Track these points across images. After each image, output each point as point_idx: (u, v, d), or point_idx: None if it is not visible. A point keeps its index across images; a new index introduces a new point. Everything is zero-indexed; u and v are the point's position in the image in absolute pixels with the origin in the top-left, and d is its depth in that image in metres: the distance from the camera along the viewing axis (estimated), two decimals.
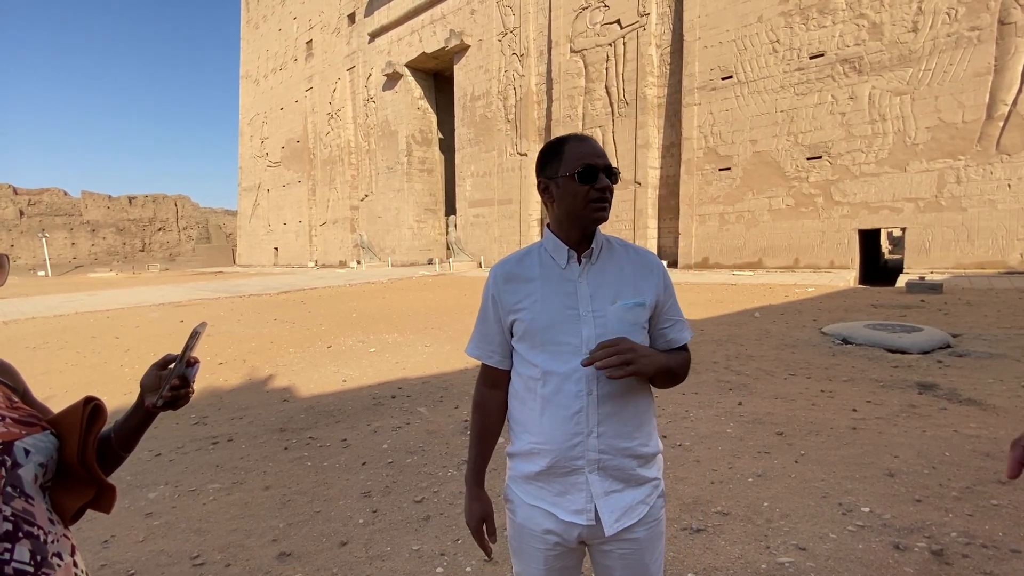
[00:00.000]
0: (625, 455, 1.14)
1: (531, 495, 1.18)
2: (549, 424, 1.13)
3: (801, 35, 14.93)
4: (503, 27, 23.12)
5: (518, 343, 1.18)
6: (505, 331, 1.20)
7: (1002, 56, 12.14)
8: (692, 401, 4.52)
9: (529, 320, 1.14)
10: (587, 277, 1.15)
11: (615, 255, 1.20)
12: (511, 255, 1.23)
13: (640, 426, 1.17)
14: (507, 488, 1.25)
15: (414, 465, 3.46)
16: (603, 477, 1.13)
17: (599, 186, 1.11)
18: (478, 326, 1.24)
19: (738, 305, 10.04)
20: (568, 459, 1.13)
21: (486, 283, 1.22)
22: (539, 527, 1.17)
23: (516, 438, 1.23)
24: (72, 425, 0.84)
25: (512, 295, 1.17)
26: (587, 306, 1.13)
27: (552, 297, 1.14)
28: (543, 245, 1.20)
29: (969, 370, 5.11)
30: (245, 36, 43.46)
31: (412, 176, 29.05)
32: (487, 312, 1.21)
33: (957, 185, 12.80)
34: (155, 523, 2.86)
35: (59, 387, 5.92)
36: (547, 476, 1.15)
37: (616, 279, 1.16)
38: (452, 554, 2.43)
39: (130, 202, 57.97)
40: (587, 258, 1.16)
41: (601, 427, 1.12)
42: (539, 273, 1.17)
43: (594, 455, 1.12)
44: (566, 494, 1.14)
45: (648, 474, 1.18)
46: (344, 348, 7.64)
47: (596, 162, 1.12)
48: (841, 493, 2.80)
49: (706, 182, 17.06)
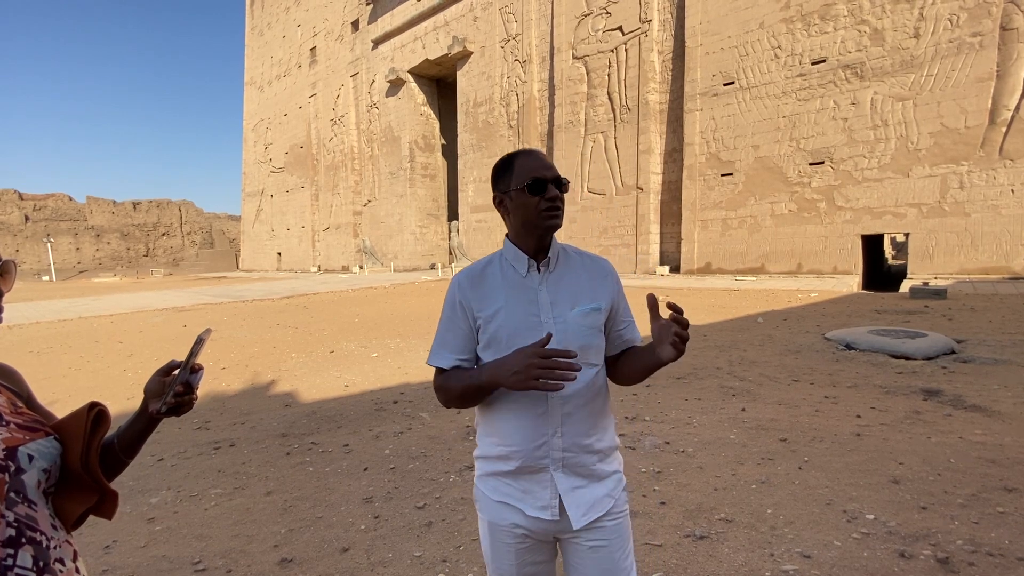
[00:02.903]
0: (585, 451, 1.20)
1: (498, 492, 1.23)
2: (515, 426, 1.18)
3: (803, 41, 14.97)
4: (506, 34, 23.25)
5: (483, 351, 1.21)
6: (474, 336, 1.22)
7: (1004, 62, 12.14)
8: (695, 407, 4.50)
9: (496, 326, 1.18)
10: (546, 285, 1.21)
11: (571, 263, 1.26)
12: (474, 264, 1.27)
13: (597, 423, 1.22)
14: (475, 488, 1.30)
15: (416, 471, 3.45)
16: (567, 474, 1.19)
17: (548, 196, 1.18)
18: (442, 335, 1.24)
19: (741, 310, 10.02)
20: (534, 459, 1.18)
21: (449, 292, 1.24)
22: (507, 521, 1.21)
23: (482, 442, 1.27)
24: (76, 431, 0.84)
25: (477, 302, 1.20)
26: (548, 313, 1.19)
27: (515, 305, 1.19)
28: (503, 255, 1.26)
29: (974, 376, 5.08)
30: (250, 43, 43.80)
31: (415, 181, 29.14)
32: (454, 318, 1.22)
33: (960, 190, 12.78)
34: (157, 528, 2.85)
35: (63, 391, 5.94)
36: (514, 475, 1.20)
37: (573, 286, 1.22)
38: (454, 560, 2.42)
39: (135, 207, 58.27)
40: (545, 267, 1.22)
41: (564, 427, 1.17)
42: (501, 282, 1.22)
43: (558, 453, 1.18)
44: (531, 491, 1.19)
45: (609, 468, 1.24)
46: (346, 353, 7.65)
47: (544, 174, 1.18)
48: (845, 500, 2.78)
49: (708, 187, 17.06)
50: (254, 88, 43.12)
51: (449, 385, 1.20)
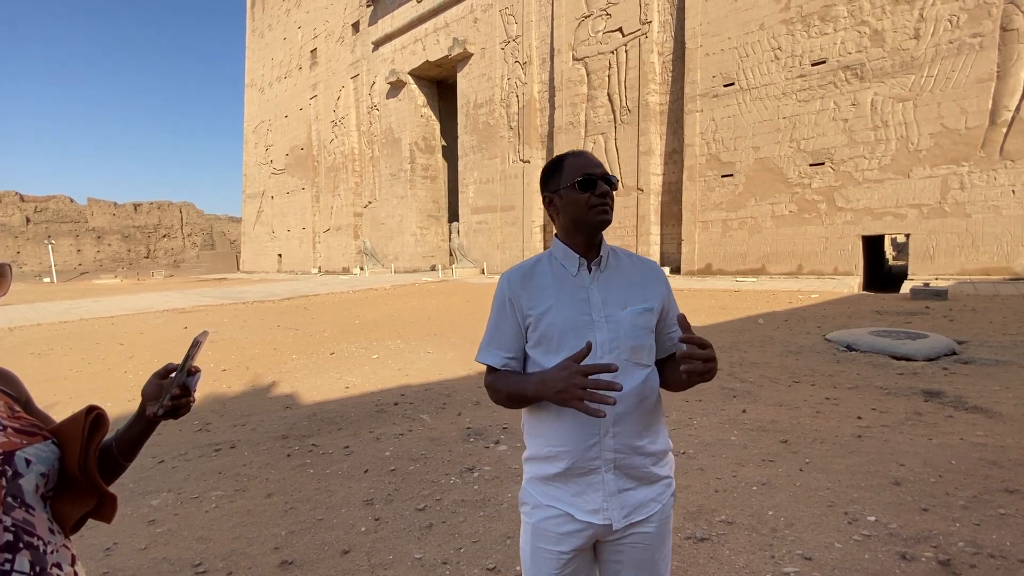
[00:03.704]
0: (638, 453, 1.18)
1: (548, 496, 1.20)
2: (566, 427, 1.16)
3: (803, 42, 14.97)
4: (506, 35, 23.27)
5: (532, 349, 1.20)
6: (522, 334, 1.22)
7: (1004, 62, 12.14)
8: (696, 408, 4.50)
9: (546, 326, 1.17)
10: (597, 284, 1.21)
11: (621, 263, 1.26)
12: (522, 263, 1.27)
13: (650, 424, 1.20)
14: (523, 491, 1.27)
15: (416, 473, 3.44)
16: (618, 476, 1.17)
17: (598, 192, 1.18)
18: (492, 332, 1.24)
19: (741, 312, 10.01)
20: (585, 460, 1.16)
21: (498, 289, 1.24)
22: (555, 530, 1.18)
23: (532, 442, 1.25)
24: (73, 434, 0.84)
25: (527, 300, 1.20)
26: (600, 311, 1.18)
27: (566, 304, 1.18)
28: (552, 254, 1.26)
29: (975, 377, 5.07)
30: (250, 45, 43.87)
31: (415, 183, 29.16)
32: (503, 316, 1.22)
33: (961, 191, 12.77)
34: (157, 530, 2.85)
35: (63, 393, 5.94)
36: (564, 478, 1.18)
37: (624, 286, 1.22)
38: (455, 563, 2.42)
39: (135, 209, 58.34)
40: (596, 266, 1.22)
41: (616, 427, 1.15)
42: (552, 281, 1.21)
43: (610, 455, 1.16)
44: (583, 494, 1.17)
45: (661, 472, 1.22)
46: (347, 355, 7.64)
47: (594, 171, 1.19)
48: (847, 502, 2.77)
49: (708, 188, 17.06)
50: (255, 90, 43.17)
51: (498, 386, 1.20)
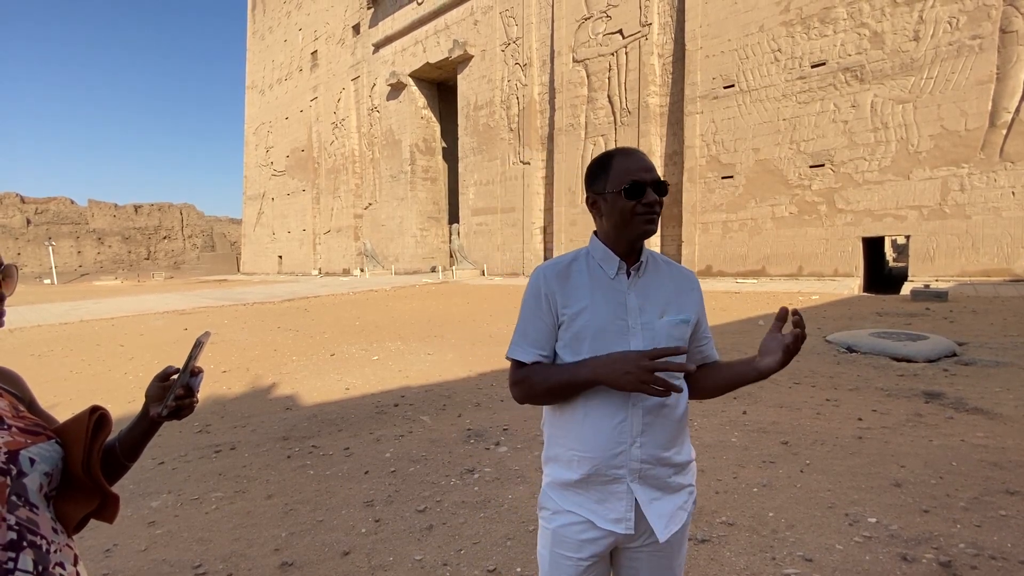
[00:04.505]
0: (663, 464, 1.15)
1: (569, 501, 1.17)
2: (591, 432, 1.13)
3: (803, 44, 14.99)
4: (506, 37, 23.31)
5: (563, 348, 1.16)
6: (555, 332, 1.18)
7: (1004, 64, 12.15)
8: (696, 409, 4.50)
9: (580, 325, 1.13)
10: (635, 289, 1.17)
11: (659, 270, 1.22)
12: (558, 258, 1.22)
13: (677, 435, 1.17)
14: (543, 495, 1.24)
15: (417, 474, 3.44)
16: (643, 486, 1.14)
17: (646, 201, 1.12)
18: (524, 327, 1.19)
19: (742, 313, 10.01)
20: (609, 468, 1.12)
21: (532, 284, 1.19)
22: (575, 537, 1.15)
23: (554, 443, 1.22)
24: (77, 434, 0.84)
25: (563, 296, 1.15)
26: (636, 318, 1.14)
27: (602, 305, 1.14)
28: (590, 253, 1.21)
29: (976, 379, 5.07)
30: (251, 47, 43.93)
31: (415, 185, 29.19)
32: (538, 310, 1.17)
33: (961, 193, 12.77)
34: (157, 532, 2.85)
35: (64, 394, 5.94)
36: (585, 484, 1.15)
37: (661, 294, 1.18)
38: (455, 564, 2.42)
39: (136, 211, 58.37)
40: (636, 271, 1.18)
41: (643, 436, 1.12)
42: (588, 280, 1.17)
43: (636, 464, 1.13)
44: (605, 502, 1.14)
45: (684, 481, 1.20)
46: (347, 356, 7.65)
47: (643, 177, 1.12)
48: (847, 503, 2.77)
49: (709, 190, 17.07)
50: (255, 92, 43.23)
51: (534, 380, 1.14)
